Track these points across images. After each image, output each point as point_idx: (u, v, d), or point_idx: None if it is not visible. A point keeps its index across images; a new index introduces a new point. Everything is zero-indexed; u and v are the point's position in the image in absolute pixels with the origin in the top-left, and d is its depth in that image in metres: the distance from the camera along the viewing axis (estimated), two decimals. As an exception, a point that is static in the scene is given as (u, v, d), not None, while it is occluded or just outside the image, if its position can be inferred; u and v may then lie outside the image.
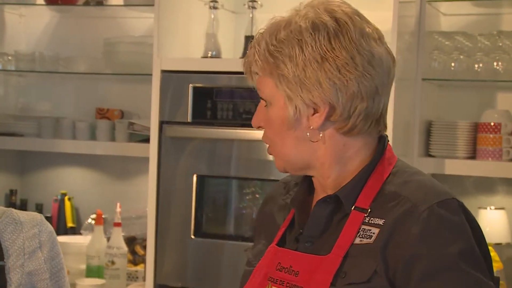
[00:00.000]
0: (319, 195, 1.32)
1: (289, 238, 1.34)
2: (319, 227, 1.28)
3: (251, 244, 1.52)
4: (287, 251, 1.31)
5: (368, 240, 1.19)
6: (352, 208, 1.24)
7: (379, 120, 1.27)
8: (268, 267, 1.31)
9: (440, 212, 1.17)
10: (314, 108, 1.24)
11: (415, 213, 1.16)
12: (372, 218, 1.21)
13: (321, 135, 1.26)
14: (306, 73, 1.21)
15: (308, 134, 1.26)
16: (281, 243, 1.34)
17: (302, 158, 1.28)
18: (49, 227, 1.74)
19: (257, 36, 1.28)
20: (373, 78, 1.23)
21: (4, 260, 1.61)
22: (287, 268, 1.28)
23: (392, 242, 1.17)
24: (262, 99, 1.30)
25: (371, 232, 1.20)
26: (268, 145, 1.32)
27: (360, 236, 1.20)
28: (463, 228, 1.17)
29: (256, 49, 1.26)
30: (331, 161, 1.28)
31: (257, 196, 2.74)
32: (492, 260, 1.24)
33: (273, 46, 1.24)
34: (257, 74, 1.28)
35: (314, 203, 1.33)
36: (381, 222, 1.19)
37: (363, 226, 1.21)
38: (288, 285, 1.25)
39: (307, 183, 1.36)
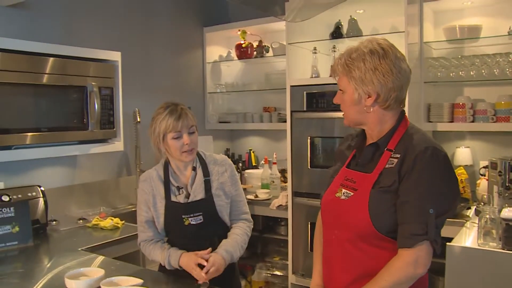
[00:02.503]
0: (368, 141, 1.55)
1: (352, 164, 1.58)
2: (367, 159, 1.52)
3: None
4: (350, 171, 1.54)
5: (392, 166, 1.43)
6: (385, 149, 1.47)
7: (403, 102, 1.49)
8: (340, 179, 1.57)
9: (430, 150, 1.39)
10: (368, 95, 1.45)
11: (416, 150, 1.40)
12: (395, 154, 1.45)
13: (371, 109, 1.48)
14: (366, 76, 1.43)
15: (364, 108, 1.48)
16: (348, 166, 1.58)
17: (359, 120, 1.53)
18: (230, 162, 2.02)
19: (339, 55, 1.47)
20: (400, 80, 1.44)
21: (209, 177, 1.98)
22: (350, 179, 1.52)
23: (403, 164, 1.42)
24: (340, 89, 1.48)
25: (394, 161, 1.43)
26: (343, 113, 1.53)
27: (388, 163, 1.44)
28: (442, 161, 1.40)
29: (339, 62, 1.47)
30: (375, 123, 1.51)
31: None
32: (458, 183, 1.41)
33: (348, 61, 1.46)
34: (338, 75, 1.48)
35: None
36: (399, 155, 1.44)
37: (390, 159, 1.45)
38: (350, 187, 1.49)
39: (363, 136, 1.57)
